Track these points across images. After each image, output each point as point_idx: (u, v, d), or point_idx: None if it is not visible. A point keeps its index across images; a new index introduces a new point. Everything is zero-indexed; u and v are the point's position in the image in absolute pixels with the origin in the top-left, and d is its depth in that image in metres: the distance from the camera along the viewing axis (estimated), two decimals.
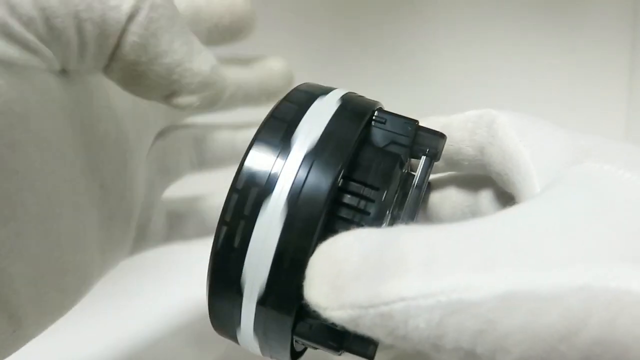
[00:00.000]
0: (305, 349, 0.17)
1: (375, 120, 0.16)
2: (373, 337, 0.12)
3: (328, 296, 0.12)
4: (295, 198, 0.13)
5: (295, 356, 0.16)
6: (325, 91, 0.16)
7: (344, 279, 0.12)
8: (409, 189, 0.17)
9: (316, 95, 0.16)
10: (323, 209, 0.13)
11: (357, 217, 0.14)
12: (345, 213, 0.14)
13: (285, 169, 0.14)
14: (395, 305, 0.11)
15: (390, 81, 0.40)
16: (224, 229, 0.14)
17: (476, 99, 0.39)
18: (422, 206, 0.21)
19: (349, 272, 0.12)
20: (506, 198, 0.18)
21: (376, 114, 0.16)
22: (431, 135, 0.17)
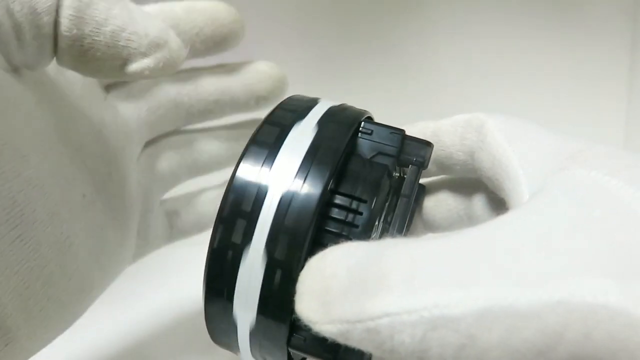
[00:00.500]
0: (304, 359, 0.18)
1: (362, 132, 0.16)
2: (363, 350, 0.12)
3: (318, 311, 0.12)
4: (283, 214, 0.14)
5: None
6: (311, 104, 0.16)
7: (332, 294, 0.12)
8: (399, 198, 0.17)
9: (301, 109, 0.16)
10: (311, 224, 0.14)
11: (346, 230, 0.14)
12: (333, 227, 0.14)
13: (273, 185, 0.14)
14: (380, 321, 0.11)
15: (388, 83, 0.40)
16: (216, 248, 0.14)
17: (475, 99, 0.39)
18: (418, 211, 0.21)
19: (337, 287, 0.12)
20: (499, 201, 0.18)
21: (362, 125, 0.16)
22: (418, 144, 0.17)
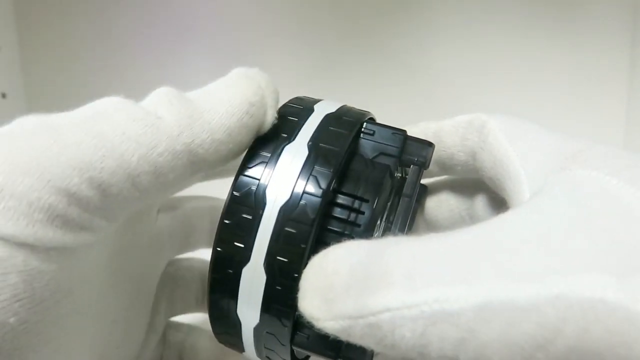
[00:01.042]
0: (307, 357, 0.18)
1: (364, 132, 0.16)
2: (365, 346, 0.12)
3: (320, 308, 0.12)
4: (287, 213, 0.14)
5: None
6: (314, 106, 0.16)
7: (334, 291, 0.12)
8: (401, 198, 0.17)
9: (305, 110, 0.16)
10: (314, 224, 0.14)
11: (348, 229, 0.15)
12: (336, 226, 0.15)
13: (277, 184, 0.14)
14: (382, 316, 0.11)
15: (388, 84, 0.40)
16: (218, 254, 0.14)
17: (476, 99, 0.39)
18: (420, 211, 0.21)
19: (339, 285, 0.12)
20: (501, 201, 0.18)
21: (365, 126, 0.16)
22: (419, 144, 0.17)
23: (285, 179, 0.14)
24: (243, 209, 0.14)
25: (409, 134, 0.17)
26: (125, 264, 0.17)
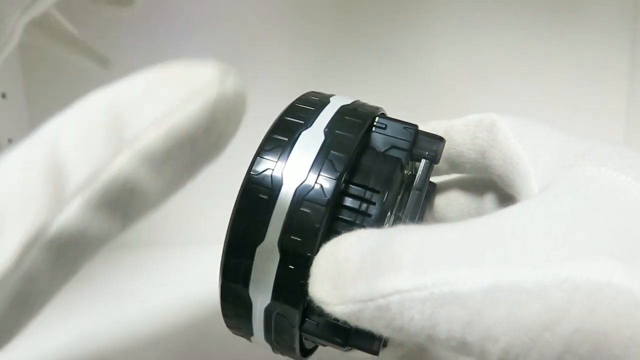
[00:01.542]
0: (315, 347, 0.18)
1: (376, 126, 0.17)
2: (374, 331, 0.12)
3: (331, 292, 0.13)
4: (302, 194, 0.14)
5: (306, 354, 0.17)
6: (326, 100, 0.17)
7: (345, 276, 0.12)
8: (410, 192, 0.17)
9: (319, 104, 0.16)
10: (326, 212, 0.14)
11: (359, 219, 0.15)
12: (347, 215, 0.15)
13: (293, 166, 0.14)
14: (391, 298, 0.11)
15: (390, 83, 0.40)
16: (233, 233, 0.14)
17: (476, 99, 0.39)
18: (429, 209, 0.21)
19: (350, 269, 0.12)
20: (509, 199, 0.18)
21: (377, 120, 0.17)
22: (430, 139, 0.17)
23: (301, 161, 0.14)
24: (260, 189, 0.14)
25: None
26: None
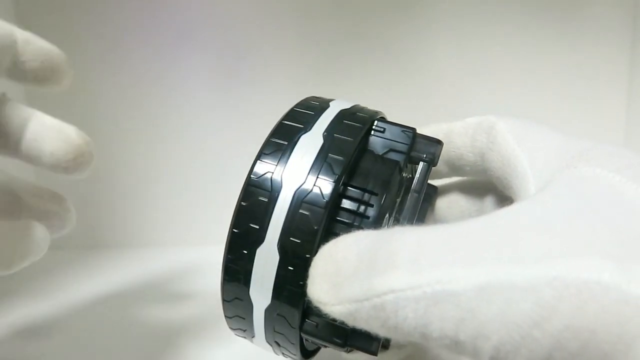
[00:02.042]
0: (317, 349, 0.18)
1: (375, 130, 0.17)
2: (370, 331, 0.12)
3: (328, 292, 0.13)
4: (301, 196, 0.14)
5: (307, 355, 0.17)
6: (326, 104, 0.17)
7: (342, 276, 0.13)
8: (409, 195, 0.17)
9: (319, 108, 0.17)
10: (324, 214, 0.14)
11: (357, 220, 0.15)
12: (346, 217, 0.15)
13: (292, 169, 0.15)
14: (386, 297, 0.12)
15: (391, 85, 0.40)
16: (234, 235, 0.15)
17: (476, 100, 0.40)
18: (430, 211, 0.21)
19: (347, 269, 0.13)
20: (509, 202, 0.18)
21: (375, 123, 0.17)
22: (428, 142, 0.17)
23: (300, 164, 0.15)
24: (259, 191, 0.15)
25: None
26: None
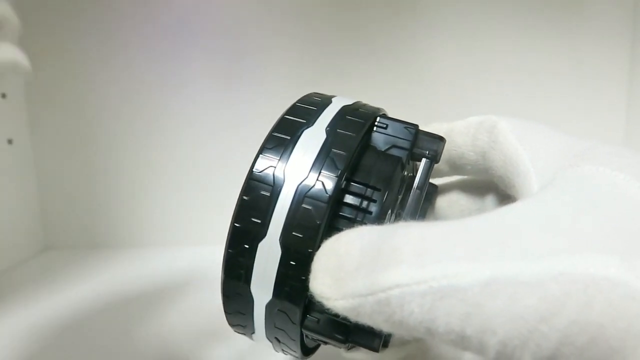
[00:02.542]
0: (317, 346, 0.18)
1: (377, 126, 0.17)
2: (373, 326, 0.12)
3: (331, 287, 0.13)
4: (304, 191, 0.14)
5: (307, 352, 0.17)
6: (328, 100, 0.17)
7: (345, 270, 0.12)
8: (411, 191, 0.17)
9: (320, 104, 0.16)
10: (327, 209, 0.14)
11: (360, 216, 0.15)
12: (348, 212, 0.15)
13: (295, 164, 0.15)
14: (391, 292, 0.11)
15: (391, 85, 0.40)
16: (235, 230, 0.15)
17: (476, 99, 0.40)
18: (431, 210, 0.21)
19: (350, 264, 0.12)
20: (510, 201, 0.18)
21: (378, 119, 0.17)
22: (431, 138, 0.17)
23: (303, 159, 0.15)
24: (261, 186, 0.14)
25: None
26: None
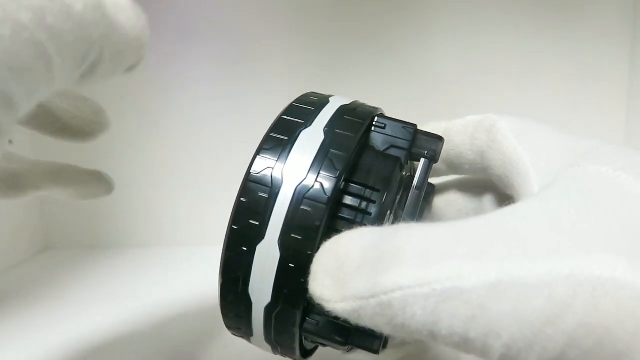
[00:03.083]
0: (315, 348, 0.18)
1: (376, 126, 0.17)
2: (374, 329, 0.12)
3: (331, 289, 0.12)
4: (303, 192, 0.14)
5: (306, 355, 0.17)
6: (326, 100, 0.17)
7: (346, 272, 0.12)
8: (410, 192, 0.17)
9: (318, 104, 0.16)
10: (326, 210, 0.14)
11: (359, 217, 0.15)
12: (347, 214, 0.15)
13: (293, 165, 0.14)
14: (394, 294, 0.11)
15: (391, 84, 0.40)
16: (233, 232, 0.14)
17: (476, 99, 0.40)
18: (427, 210, 0.21)
19: (351, 266, 0.12)
20: (508, 201, 0.18)
21: (376, 119, 0.17)
22: (429, 138, 0.17)
23: (301, 160, 0.15)
24: (260, 187, 0.14)
25: None
26: None
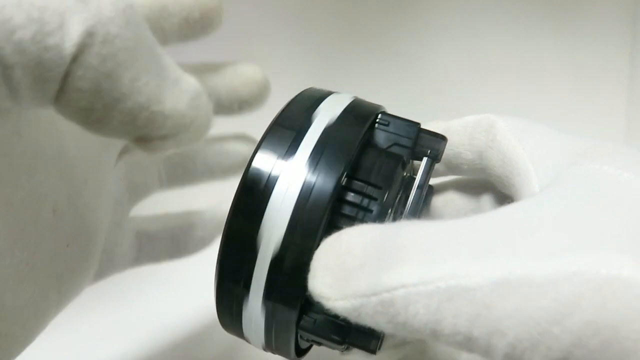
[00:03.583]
0: (309, 347, 0.18)
1: (379, 123, 0.17)
2: (375, 327, 0.12)
3: (331, 286, 0.12)
4: (300, 197, 0.14)
5: (300, 353, 0.17)
6: (329, 96, 0.17)
7: (347, 269, 0.12)
8: (411, 192, 0.17)
9: (320, 100, 0.16)
10: (327, 207, 0.14)
11: (361, 214, 0.15)
12: (348, 210, 0.15)
13: (290, 170, 0.14)
14: (396, 292, 0.11)
15: (391, 84, 0.40)
16: (232, 226, 0.14)
17: (476, 99, 0.40)
18: (425, 210, 0.21)
19: (352, 262, 0.12)
20: (506, 201, 0.18)
21: (379, 117, 0.17)
22: (433, 137, 0.17)
23: (303, 155, 0.14)
24: (259, 183, 0.14)
25: None
26: (38, 146, 0.15)
